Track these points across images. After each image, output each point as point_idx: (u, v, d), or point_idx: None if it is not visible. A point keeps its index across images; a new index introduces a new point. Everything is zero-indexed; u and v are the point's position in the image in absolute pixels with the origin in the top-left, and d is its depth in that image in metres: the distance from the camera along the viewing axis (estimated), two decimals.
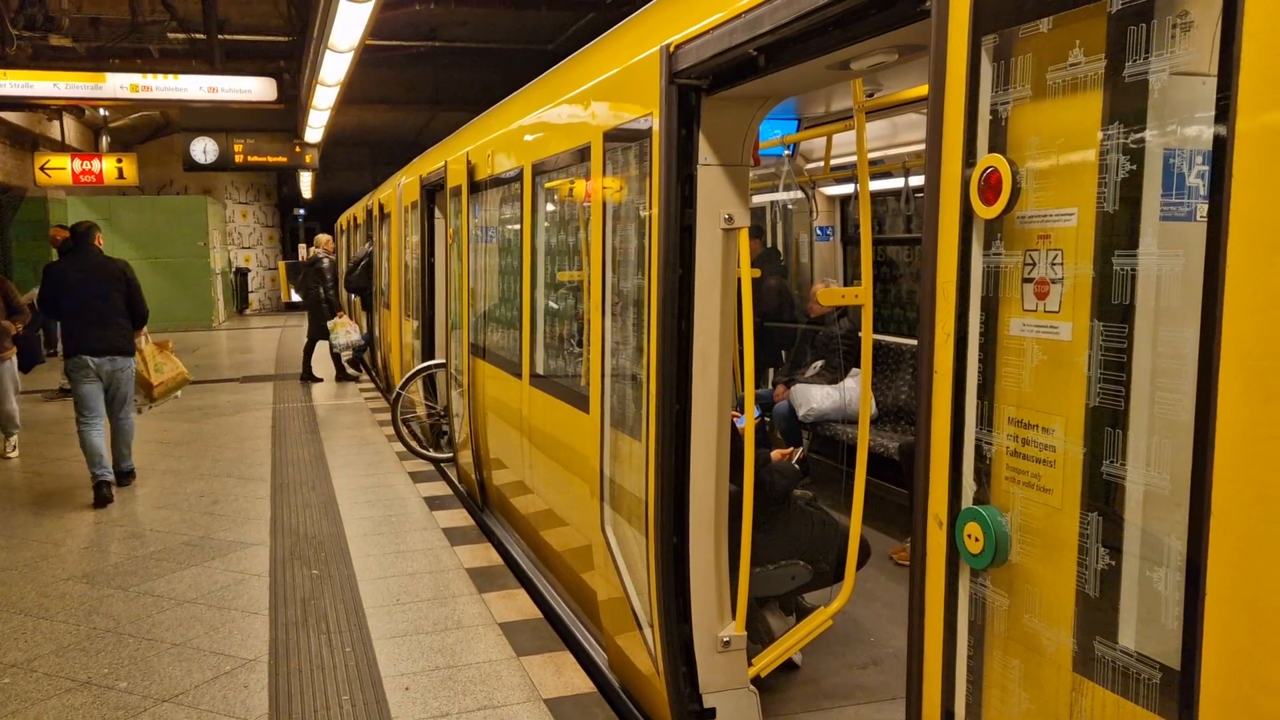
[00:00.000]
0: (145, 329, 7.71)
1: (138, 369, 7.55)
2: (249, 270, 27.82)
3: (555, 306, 5.18)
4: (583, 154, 4.22)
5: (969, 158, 1.83)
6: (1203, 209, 1.43)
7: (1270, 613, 1.32)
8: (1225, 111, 1.35)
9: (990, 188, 1.77)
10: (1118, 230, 1.58)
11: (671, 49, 3.19)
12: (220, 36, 14.36)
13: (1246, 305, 1.33)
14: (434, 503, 6.87)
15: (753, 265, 3.29)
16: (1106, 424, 1.61)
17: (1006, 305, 1.80)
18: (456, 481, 7.58)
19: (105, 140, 21.01)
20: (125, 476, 7.46)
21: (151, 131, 22.68)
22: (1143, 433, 1.55)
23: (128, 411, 7.39)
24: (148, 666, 4.24)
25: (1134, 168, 1.55)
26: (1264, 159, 1.31)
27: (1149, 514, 1.55)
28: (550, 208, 5.20)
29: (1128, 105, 1.54)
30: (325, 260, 13.32)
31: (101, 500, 6.93)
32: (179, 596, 5.08)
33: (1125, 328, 1.57)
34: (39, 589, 5.24)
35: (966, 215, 1.84)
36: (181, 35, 15.01)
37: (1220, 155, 1.37)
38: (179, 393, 8.28)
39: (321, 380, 13.11)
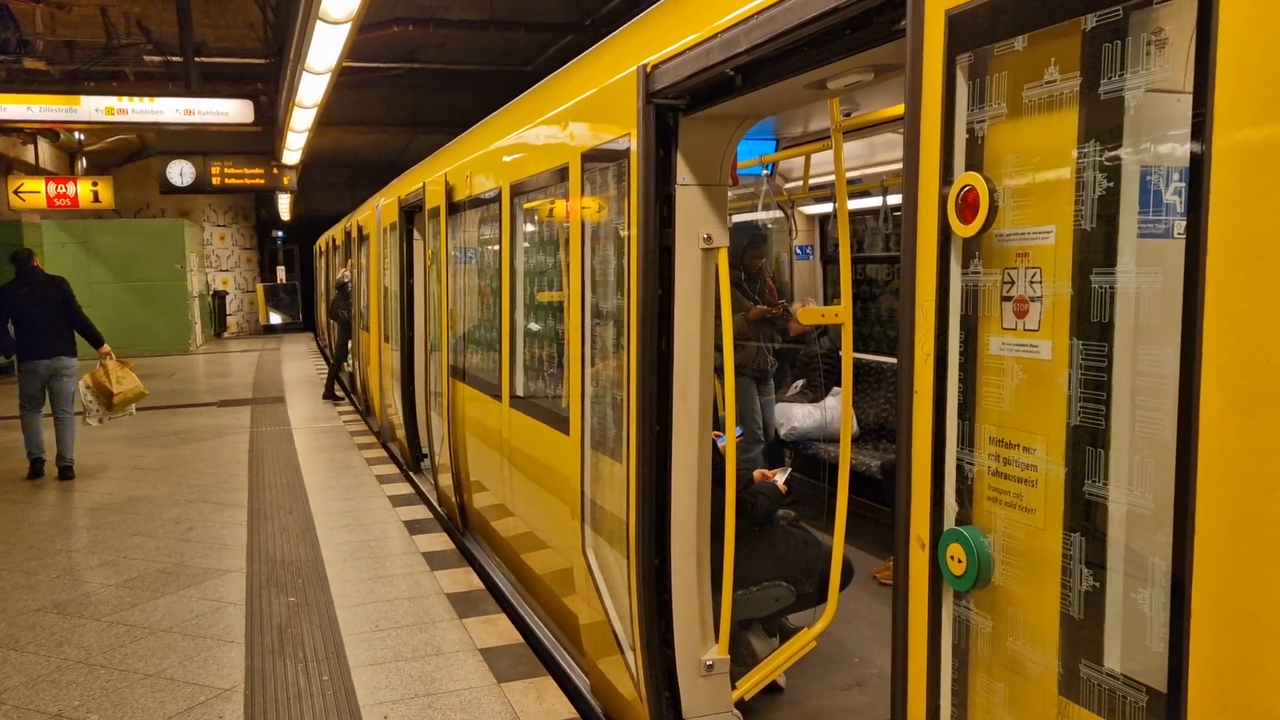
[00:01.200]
0: (107, 345, 8.82)
1: (100, 380, 8.69)
2: (227, 293, 27.64)
3: (535, 327, 5.15)
4: (561, 174, 4.21)
5: (946, 176, 1.82)
6: (1180, 226, 1.42)
7: (1257, 632, 1.30)
8: (1201, 128, 1.34)
9: (968, 206, 1.76)
10: (1096, 248, 1.57)
11: (649, 69, 3.19)
12: (197, 59, 14.32)
13: (1226, 322, 1.33)
14: (414, 526, 6.80)
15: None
16: (1088, 443, 1.59)
17: (986, 324, 1.79)
18: (436, 505, 7.52)
19: (81, 164, 20.87)
20: (66, 470, 8.52)
21: (128, 155, 22.56)
22: (1124, 451, 1.54)
23: (69, 409, 8.64)
24: (120, 698, 4.16)
25: (1111, 185, 1.54)
26: (1241, 175, 1.31)
27: (1132, 533, 1.53)
28: (529, 228, 5.19)
29: (1104, 122, 1.54)
30: (351, 284, 13.71)
31: (35, 473, 8.58)
32: (153, 625, 4.99)
33: (1105, 346, 1.56)
34: (9, 619, 5.14)
35: (944, 234, 1.83)
36: (158, 58, 14.97)
37: (1197, 172, 1.36)
38: (134, 407, 9.11)
39: (343, 398, 13.51)
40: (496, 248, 5.51)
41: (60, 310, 8.53)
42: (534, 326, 5.16)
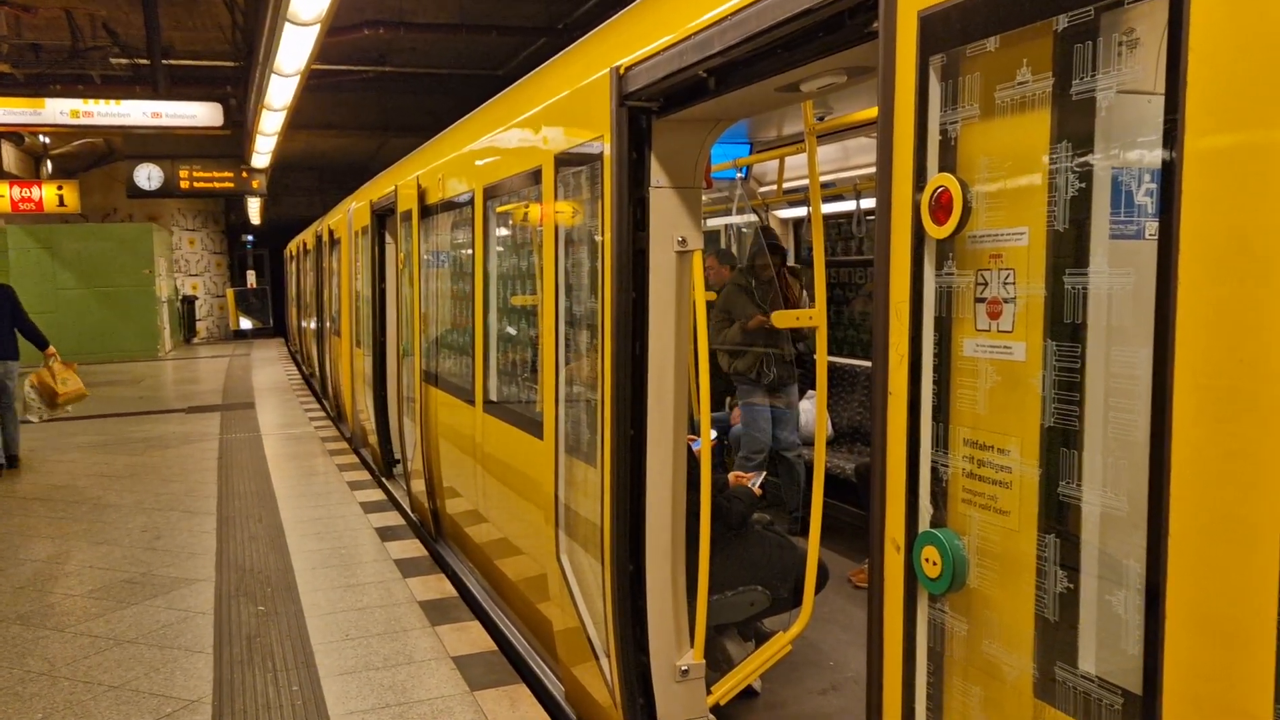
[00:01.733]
0: (52, 347, 9.43)
1: (45, 380, 9.43)
2: (196, 298, 27.34)
3: (508, 331, 5.12)
4: (534, 177, 4.19)
5: (919, 178, 1.81)
6: (1152, 227, 1.42)
7: (1231, 634, 1.30)
8: (1173, 129, 1.34)
9: (941, 207, 1.75)
10: (1069, 249, 1.57)
11: (622, 71, 3.17)
12: (164, 62, 14.16)
13: (1199, 323, 1.32)
14: (385, 533, 6.73)
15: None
16: (1062, 445, 1.59)
17: (959, 325, 1.78)
18: (409, 511, 7.45)
19: (46, 167, 20.57)
20: (13, 460, 9.15)
21: (95, 158, 22.25)
22: (1098, 453, 1.53)
23: (13, 405, 9.10)
24: (84, 710, 4.07)
25: (1083, 186, 1.54)
26: (1212, 176, 1.31)
27: (1107, 535, 1.53)
28: (502, 231, 5.15)
29: (1076, 124, 1.54)
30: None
31: None
32: (118, 636, 4.91)
33: (1078, 347, 1.56)
34: None
35: (918, 235, 1.82)
36: (124, 61, 14.79)
37: (1169, 173, 1.36)
38: (70, 407, 9.86)
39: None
40: (470, 251, 5.47)
41: (6, 315, 9.09)
42: (507, 330, 5.13)
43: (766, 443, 6.33)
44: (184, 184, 18.49)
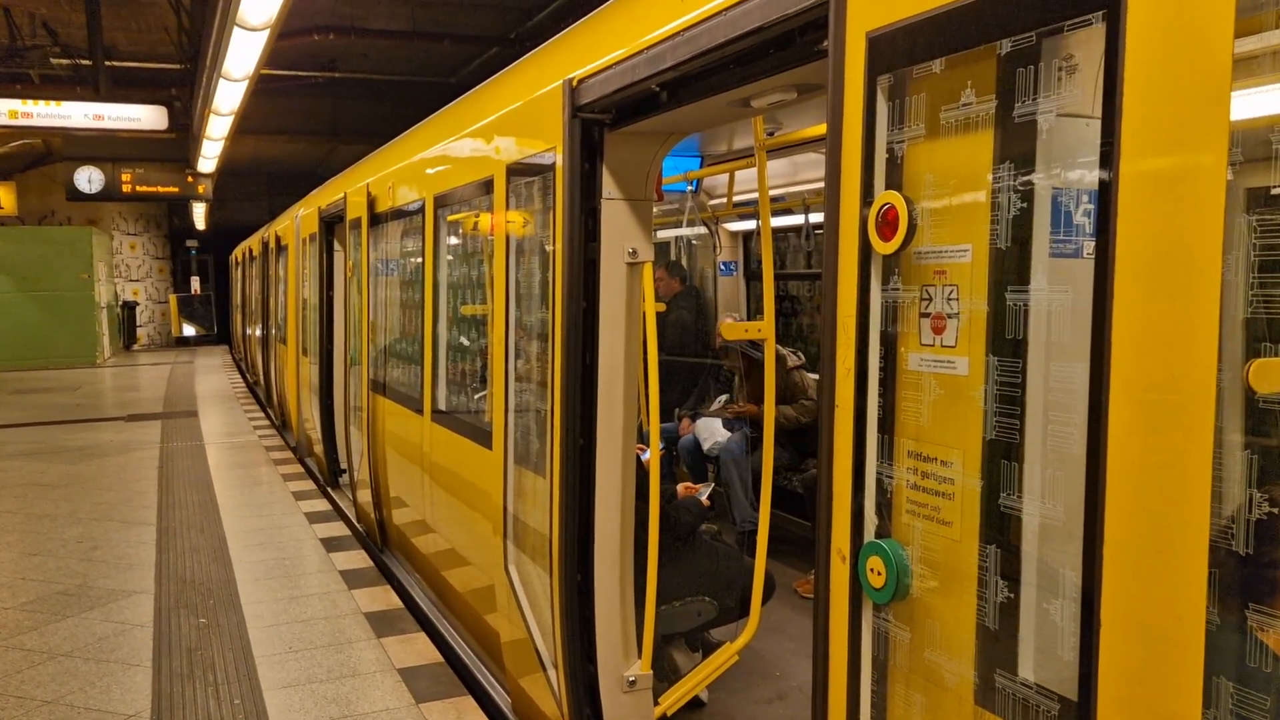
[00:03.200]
0: None
1: None
2: (137, 304, 26.74)
3: (458, 341, 5.09)
4: (486, 187, 4.18)
5: (867, 194, 1.85)
6: (1089, 246, 1.47)
7: (1164, 641, 1.34)
8: (1109, 152, 1.39)
9: (887, 224, 1.79)
10: (1010, 266, 1.61)
11: (575, 83, 3.18)
12: (107, 63, 13.88)
13: (1133, 340, 1.37)
14: (331, 544, 6.64)
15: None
16: (1002, 457, 1.63)
17: (905, 340, 1.82)
18: (355, 521, 7.36)
19: None
20: None
21: (32, 160, 21.68)
22: (1037, 465, 1.57)
23: None
24: None
25: (1025, 205, 1.58)
26: (1145, 198, 1.35)
27: (1045, 545, 1.57)
28: (453, 241, 5.13)
29: (1018, 145, 1.58)
30: None
31: None
32: (52, 650, 4.77)
33: (1019, 362, 1.60)
34: None
35: (865, 251, 1.86)
36: (65, 61, 14.46)
37: (1105, 194, 1.41)
38: None
39: None
40: (420, 260, 5.43)
41: None
42: (457, 340, 5.10)
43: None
44: (126, 188, 18.14)
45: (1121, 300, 1.38)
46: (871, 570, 1.85)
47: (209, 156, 16.30)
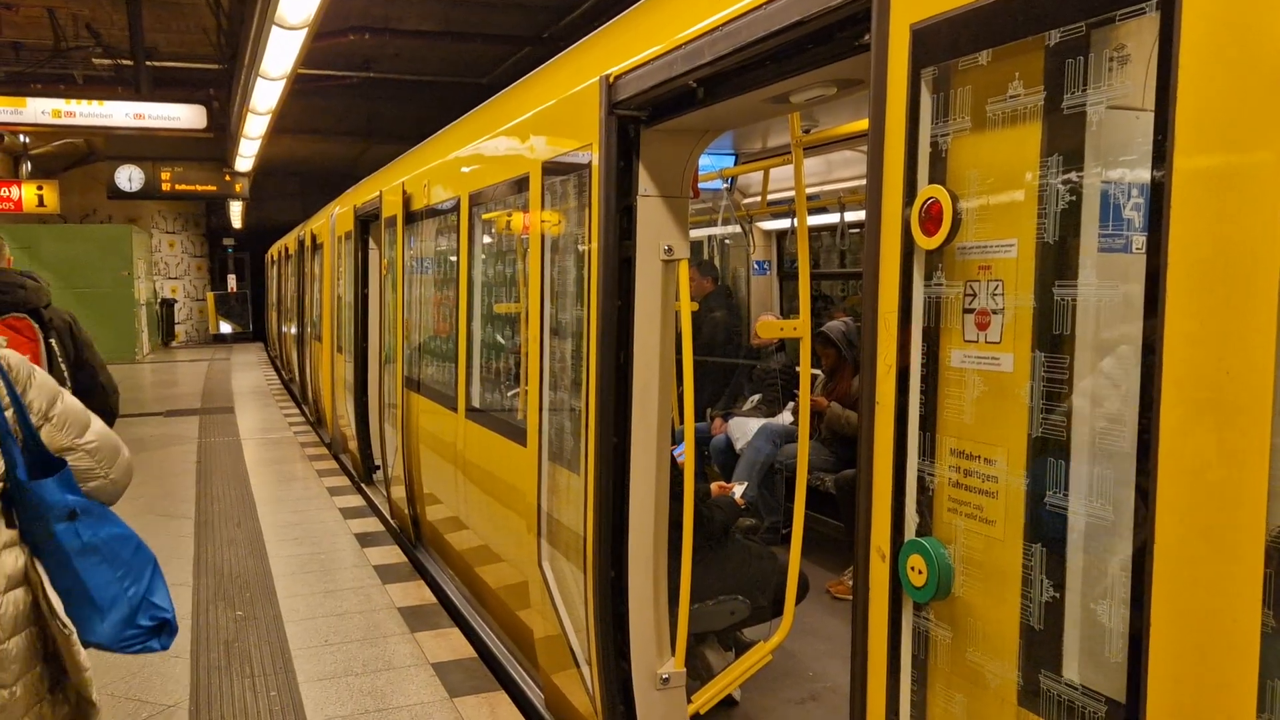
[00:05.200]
0: None
1: None
2: (175, 301, 27.11)
3: (492, 339, 5.11)
4: (521, 185, 4.19)
5: (910, 189, 1.83)
6: (1140, 240, 1.44)
7: (1217, 644, 1.31)
8: (1162, 145, 1.36)
9: (931, 219, 1.77)
10: (1057, 261, 1.59)
11: (611, 80, 3.18)
12: (148, 63, 14.07)
13: (1186, 336, 1.34)
14: (365, 539, 6.69)
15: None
16: (1048, 455, 1.60)
17: (948, 336, 1.79)
18: (389, 517, 7.41)
19: (26, 167, 20.38)
20: None
21: (75, 159, 22.04)
22: (1085, 463, 1.55)
23: None
24: None
25: (1073, 199, 1.56)
26: (1199, 191, 1.33)
27: (1092, 545, 1.54)
28: (487, 239, 5.15)
29: (1066, 138, 1.56)
30: None
31: None
32: None
33: (1066, 358, 1.57)
34: None
35: (908, 246, 1.84)
36: (107, 61, 14.69)
37: (1158, 188, 1.38)
38: None
39: None
40: (454, 258, 5.46)
41: None
42: (492, 337, 5.12)
43: None
44: (165, 186, 18.36)
45: (1175, 296, 1.35)
46: (912, 569, 1.83)
47: (246, 155, 16.49)
